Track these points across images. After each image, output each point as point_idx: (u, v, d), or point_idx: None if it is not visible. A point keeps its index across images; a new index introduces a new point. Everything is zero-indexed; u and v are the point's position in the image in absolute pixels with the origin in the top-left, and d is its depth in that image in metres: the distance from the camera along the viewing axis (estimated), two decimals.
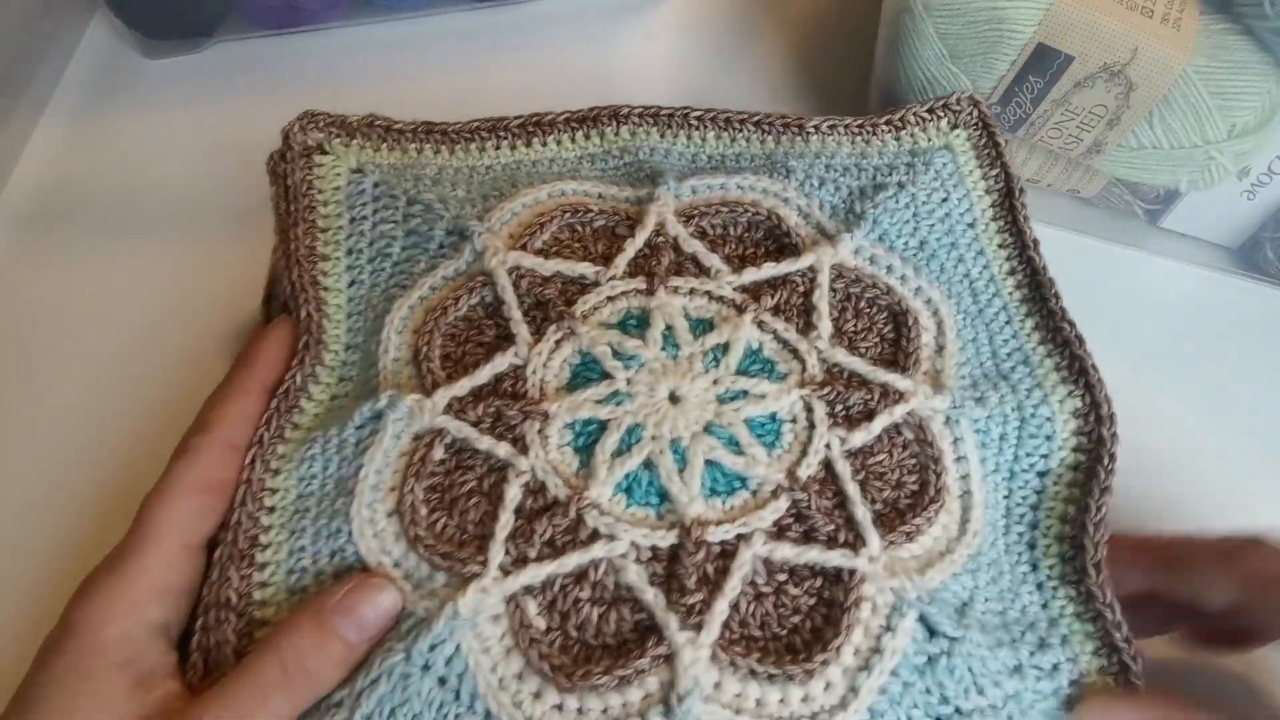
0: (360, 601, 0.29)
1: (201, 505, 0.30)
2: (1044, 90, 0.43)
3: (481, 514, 0.31)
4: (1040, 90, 0.43)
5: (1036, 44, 0.41)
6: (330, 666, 0.28)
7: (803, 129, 0.42)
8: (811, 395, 0.34)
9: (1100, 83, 0.42)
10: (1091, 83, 0.42)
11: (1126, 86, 0.41)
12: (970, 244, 0.40)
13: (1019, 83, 0.43)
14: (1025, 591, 0.33)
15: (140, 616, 0.28)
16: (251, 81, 0.54)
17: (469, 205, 0.38)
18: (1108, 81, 0.41)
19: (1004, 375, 0.37)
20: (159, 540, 0.29)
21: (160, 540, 0.29)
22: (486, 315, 0.35)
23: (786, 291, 0.36)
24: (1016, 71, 0.42)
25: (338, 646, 0.28)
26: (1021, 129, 0.45)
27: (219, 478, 0.31)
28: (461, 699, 0.28)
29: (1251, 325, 0.50)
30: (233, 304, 0.43)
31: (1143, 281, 0.50)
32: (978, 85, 0.43)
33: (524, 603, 0.30)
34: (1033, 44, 0.41)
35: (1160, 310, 0.50)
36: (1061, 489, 0.35)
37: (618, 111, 0.41)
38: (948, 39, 0.42)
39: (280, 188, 0.38)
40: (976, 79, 0.43)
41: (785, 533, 0.31)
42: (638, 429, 0.32)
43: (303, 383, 0.34)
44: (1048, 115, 0.44)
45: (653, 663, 0.28)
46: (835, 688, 0.29)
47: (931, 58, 0.43)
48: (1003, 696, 0.30)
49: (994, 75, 0.43)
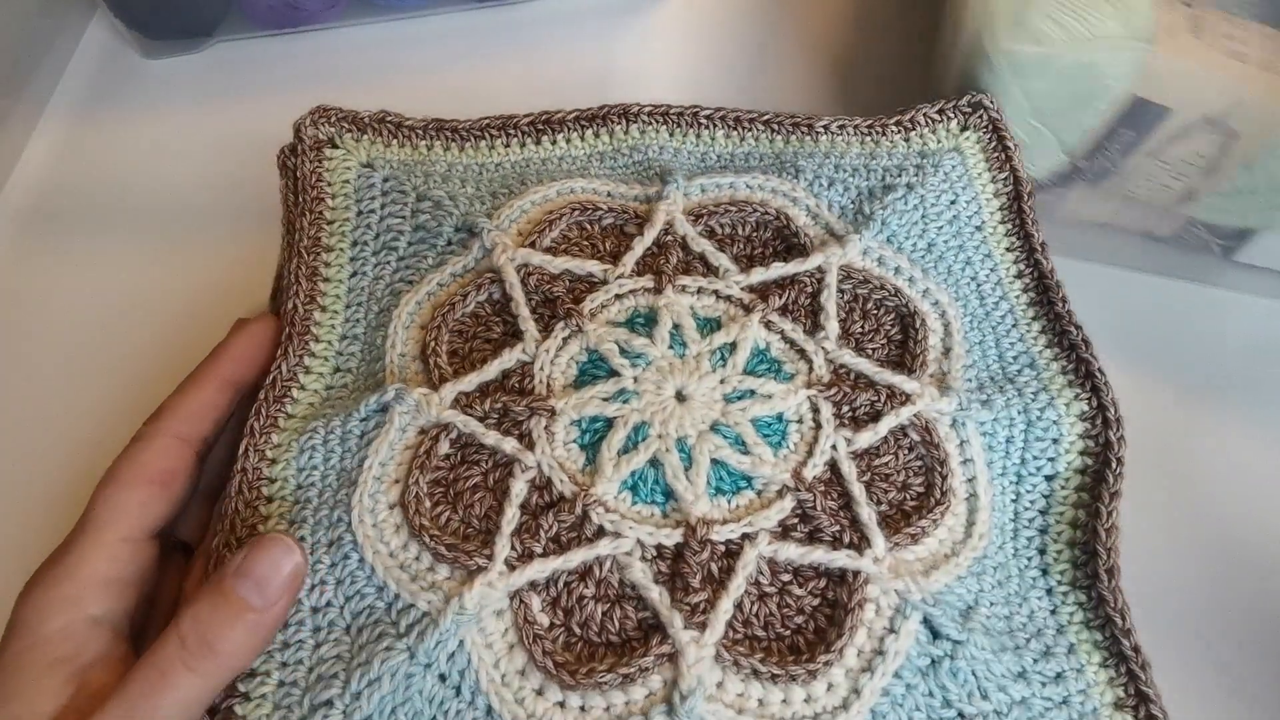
0: (258, 562, 0.27)
1: (145, 497, 0.30)
2: (1136, 142, 0.41)
3: (486, 509, 0.31)
4: (1132, 142, 0.41)
5: (1132, 97, 0.39)
6: (236, 635, 0.27)
7: (812, 129, 0.42)
8: (818, 396, 0.34)
9: (1199, 133, 0.40)
10: (1189, 133, 0.40)
11: (1228, 136, 0.39)
12: (978, 246, 0.40)
13: (1109, 137, 0.41)
14: (1034, 596, 0.33)
15: (79, 610, 0.28)
16: (251, 82, 0.54)
17: (478, 202, 0.38)
18: (1208, 131, 0.39)
19: (1010, 378, 0.36)
20: (98, 533, 0.29)
21: (100, 533, 0.29)
22: (494, 312, 0.36)
23: (794, 291, 0.36)
24: (1108, 126, 0.41)
25: (240, 612, 0.27)
26: (1106, 180, 0.43)
27: (164, 469, 0.30)
28: (463, 695, 0.28)
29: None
30: (233, 304, 0.43)
31: (1218, 317, 0.48)
32: (1062, 141, 0.42)
33: (528, 599, 0.30)
34: (1127, 98, 0.39)
35: (1238, 345, 0.47)
36: (1070, 493, 0.35)
37: (627, 110, 0.42)
38: (1034, 97, 0.41)
39: (289, 180, 0.38)
40: (1061, 135, 0.42)
41: (790, 533, 0.31)
42: (644, 427, 0.32)
43: (290, 373, 0.34)
44: (1138, 166, 0.42)
45: (656, 661, 0.28)
46: (838, 688, 0.29)
47: (1015, 115, 0.41)
48: (1008, 702, 0.30)
49: (1080, 130, 0.41)
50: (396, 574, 0.30)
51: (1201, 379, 0.44)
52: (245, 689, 0.28)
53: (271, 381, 0.33)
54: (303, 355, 0.34)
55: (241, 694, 0.28)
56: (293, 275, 0.36)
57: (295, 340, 0.34)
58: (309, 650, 0.29)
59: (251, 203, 0.41)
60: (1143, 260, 0.48)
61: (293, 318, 0.35)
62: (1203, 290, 0.48)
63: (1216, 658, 0.37)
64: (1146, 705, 0.30)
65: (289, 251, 0.37)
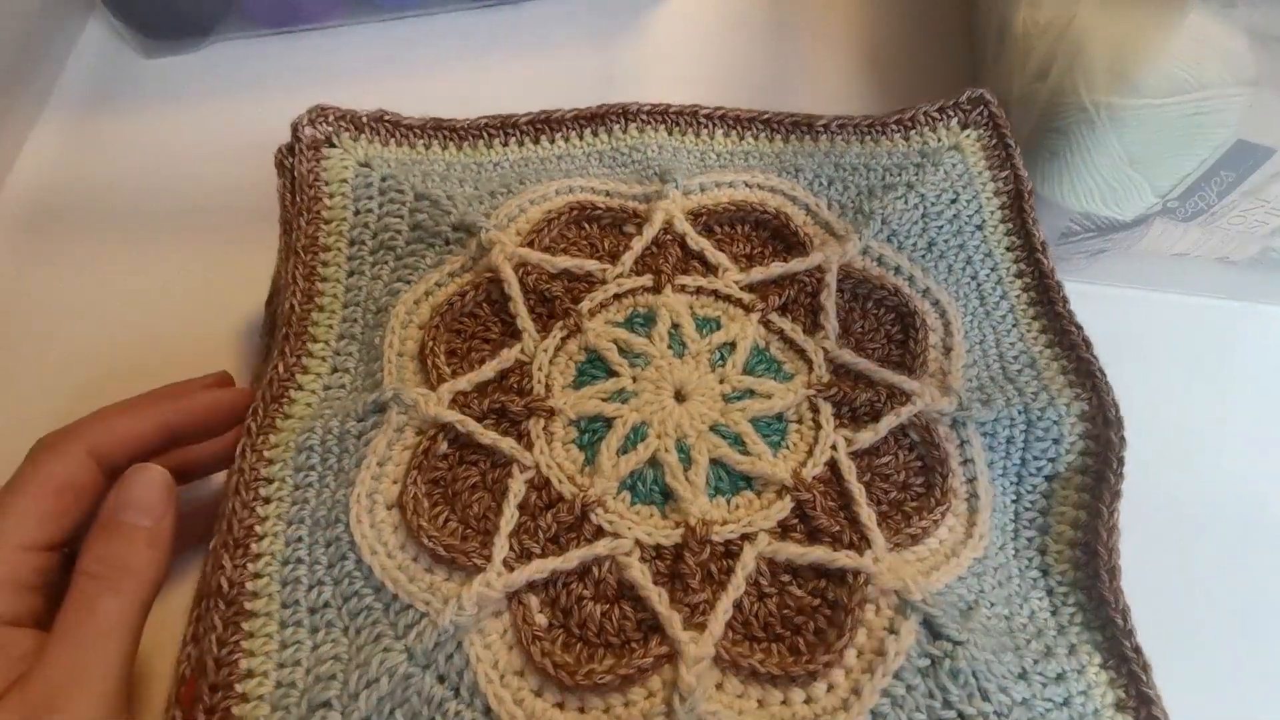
0: (130, 489, 0.30)
1: (48, 508, 0.29)
2: (1235, 183, 0.40)
3: (485, 509, 0.31)
4: (1231, 183, 0.40)
5: (1235, 141, 0.39)
6: (141, 551, 0.29)
7: (811, 128, 0.41)
8: (818, 395, 0.33)
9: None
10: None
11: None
12: (979, 246, 0.40)
13: (1207, 178, 0.40)
14: (1035, 597, 0.33)
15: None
16: (250, 81, 0.54)
17: (476, 202, 0.38)
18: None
19: (1010, 378, 0.36)
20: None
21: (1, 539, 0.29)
22: (493, 311, 0.35)
23: (794, 291, 0.36)
24: (1206, 169, 0.40)
25: (135, 533, 0.29)
26: (1200, 219, 0.43)
27: (72, 481, 0.30)
28: (461, 695, 0.28)
29: None
30: (232, 303, 0.43)
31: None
32: (1156, 186, 0.41)
33: (526, 599, 0.29)
34: (1231, 141, 0.39)
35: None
36: (1071, 493, 0.35)
37: (626, 110, 0.41)
38: (1132, 146, 0.39)
39: (287, 179, 0.38)
40: (1156, 180, 0.41)
41: (789, 533, 0.31)
42: (643, 427, 0.32)
43: (287, 373, 0.34)
44: (1234, 205, 0.41)
45: (655, 662, 0.28)
46: (838, 689, 0.29)
47: (1107, 165, 0.40)
48: (1008, 703, 0.29)
49: (1177, 175, 0.40)
50: (394, 574, 0.30)
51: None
52: (243, 689, 0.28)
53: (269, 382, 0.33)
54: (300, 355, 0.34)
55: (239, 694, 0.28)
56: (290, 275, 0.36)
57: (292, 340, 0.34)
58: (306, 651, 0.29)
59: (250, 202, 0.41)
60: (1215, 286, 0.47)
61: (290, 317, 0.35)
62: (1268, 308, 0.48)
63: (1217, 659, 0.37)
64: (1147, 706, 0.30)
65: (286, 251, 0.36)
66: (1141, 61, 0.37)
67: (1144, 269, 0.46)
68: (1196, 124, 0.38)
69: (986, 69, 0.50)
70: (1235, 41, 0.37)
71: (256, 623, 0.29)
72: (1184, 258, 0.46)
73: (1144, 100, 0.38)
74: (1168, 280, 0.46)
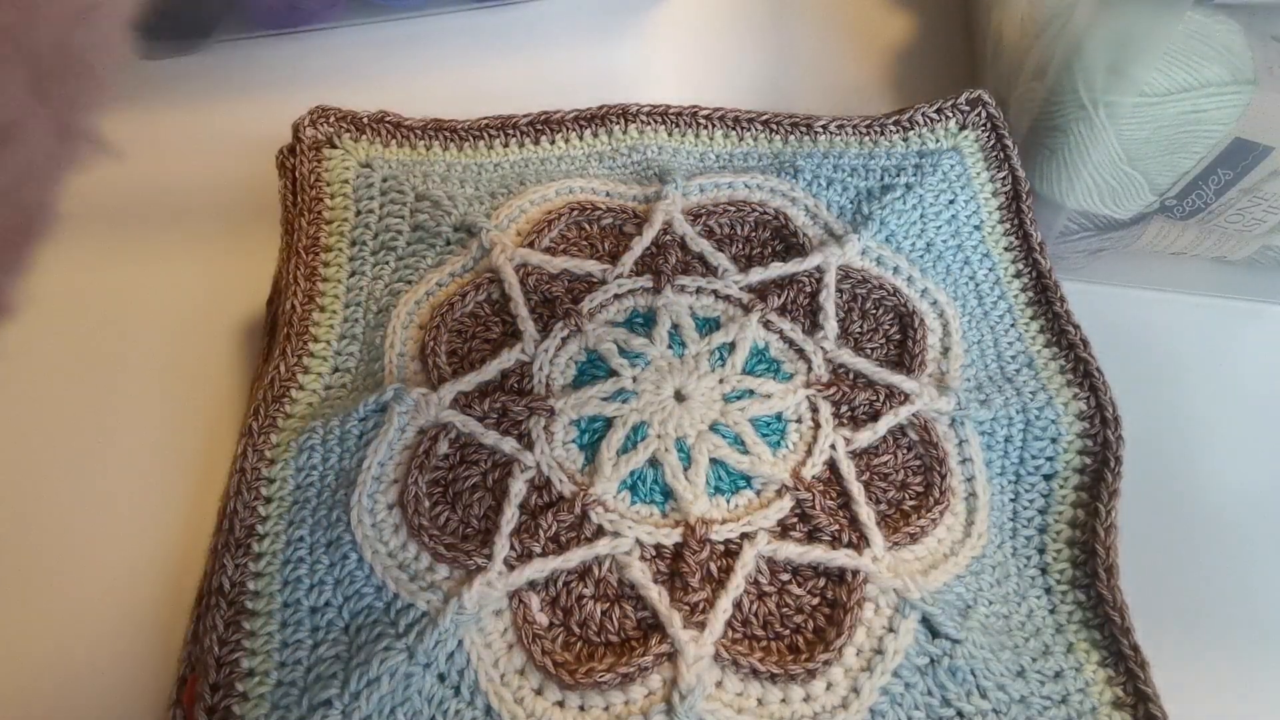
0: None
1: None
2: (1232, 181, 0.41)
3: (485, 509, 0.31)
4: (1228, 181, 0.41)
5: (1233, 139, 0.39)
6: None
7: (811, 128, 0.42)
8: (817, 395, 0.34)
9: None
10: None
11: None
12: (977, 246, 0.40)
13: (1204, 176, 0.41)
14: (1033, 595, 0.33)
15: None
16: (250, 82, 0.54)
17: (477, 202, 0.38)
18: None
19: (1009, 377, 0.36)
20: None
21: None
22: (493, 312, 0.36)
23: (793, 291, 0.36)
24: (1204, 167, 0.40)
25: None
26: (1197, 217, 0.43)
27: None
28: (462, 694, 0.28)
29: None
30: (232, 304, 0.43)
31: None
32: (1154, 184, 0.41)
33: (527, 598, 0.30)
34: (1228, 139, 0.39)
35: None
36: (1069, 492, 0.35)
37: (626, 110, 0.42)
38: (1130, 144, 0.40)
39: (288, 180, 0.38)
40: (1154, 178, 0.41)
41: (789, 532, 0.31)
42: (643, 427, 0.32)
43: (288, 372, 0.34)
44: (1231, 203, 0.42)
45: (655, 660, 0.28)
46: (837, 687, 0.29)
47: (1105, 163, 0.40)
48: (1006, 700, 0.30)
49: (1175, 173, 0.41)
50: (395, 574, 0.30)
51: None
52: (243, 689, 0.28)
53: (270, 381, 0.33)
54: (301, 355, 0.34)
55: (240, 694, 0.28)
56: (292, 275, 0.36)
57: (294, 340, 0.34)
58: (307, 650, 0.29)
59: (250, 203, 0.41)
60: (1211, 284, 0.47)
61: (291, 318, 0.35)
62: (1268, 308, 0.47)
63: (1215, 657, 0.37)
64: (1145, 704, 0.30)
65: (288, 251, 0.37)
66: (1139, 60, 0.38)
67: (1142, 268, 0.46)
68: (1194, 122, 0.38)
69: (985, 68, 0.51)
70: (1233, 40, 0.37)
71: (257, 622, 0.29)
72: (1182, 257, 0.47)
73: (1142, 98, 0.38)
74: (1165, 279, 0.47)
